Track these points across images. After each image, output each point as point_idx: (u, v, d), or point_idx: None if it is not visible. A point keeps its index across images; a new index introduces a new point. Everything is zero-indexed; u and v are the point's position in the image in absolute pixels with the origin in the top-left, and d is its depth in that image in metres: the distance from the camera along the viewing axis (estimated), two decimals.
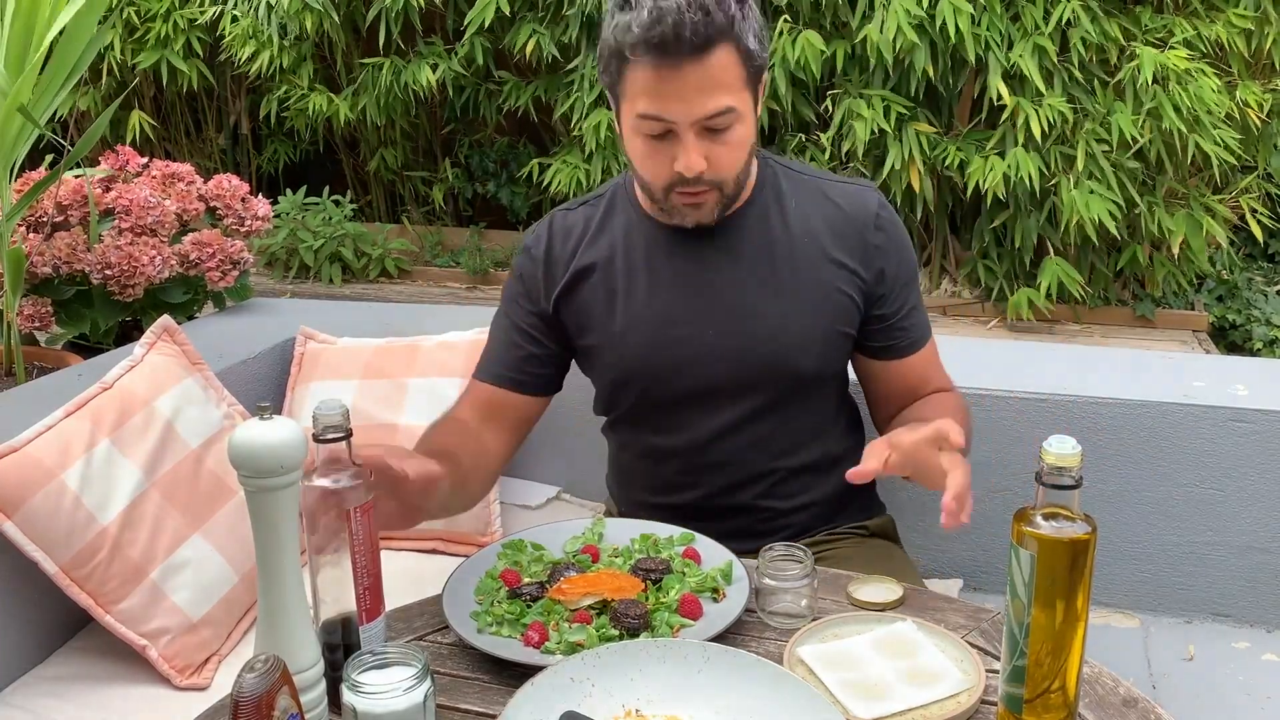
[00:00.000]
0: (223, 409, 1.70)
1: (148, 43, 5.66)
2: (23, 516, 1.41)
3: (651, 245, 1.38)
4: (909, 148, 4.57)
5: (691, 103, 1.22)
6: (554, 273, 1.42)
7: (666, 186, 1.29)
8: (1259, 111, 4.44)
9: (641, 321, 1.37)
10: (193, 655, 1.50)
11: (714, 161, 1.26)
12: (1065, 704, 0.92)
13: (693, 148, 1.24)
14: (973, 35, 4.36)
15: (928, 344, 1.44)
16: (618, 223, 1.41)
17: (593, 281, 1.40)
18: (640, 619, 1.08)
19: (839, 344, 1.40)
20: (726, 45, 1.21)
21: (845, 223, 1.37)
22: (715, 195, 1.29)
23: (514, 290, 1.46)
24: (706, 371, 1.37)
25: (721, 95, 1.22)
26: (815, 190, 1.40)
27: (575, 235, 1.42)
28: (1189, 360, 2.02)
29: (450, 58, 5.34)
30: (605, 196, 1.45)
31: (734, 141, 1.26)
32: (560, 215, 1.46)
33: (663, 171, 1.27)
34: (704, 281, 1.36)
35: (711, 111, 1.23)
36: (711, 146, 1.25)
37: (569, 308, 1.42)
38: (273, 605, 0.92)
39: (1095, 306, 4.96)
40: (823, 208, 1.38)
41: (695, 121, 1.23)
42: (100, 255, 2.26)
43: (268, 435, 0.89)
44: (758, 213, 1.37)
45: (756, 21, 1.26)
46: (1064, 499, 0.89)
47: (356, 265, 5.69)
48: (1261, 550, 1.72)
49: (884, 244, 1.38)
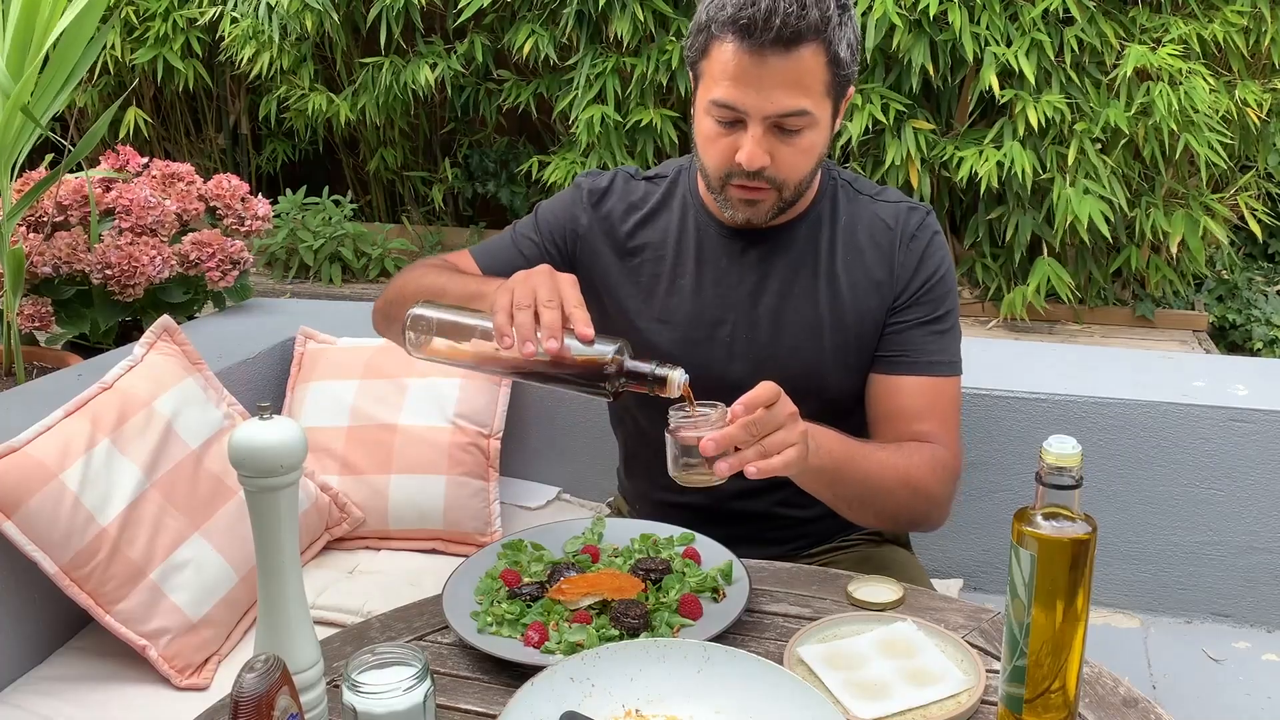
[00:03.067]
0: (223, 409, 1.70)
1: (146, 41, 5.66)
2: (22, 516, 1.41)
3: (703, 239, 1.36)
4: (907, 146, 4.58)
5: (767, 96, 1.18)
6: (604, 223, 1.39)
7: (724, 175, 1.25)
8: (1258, 111, 4.44)
9: (679, 314, 1.36)
10: (192, 655, 1.50)
11: (778, 161, 1.23)
12: (1065, 704, 0.92)
13: (758, 141, 1.20)
14: (971, 34, 4.37)
15: (938, 380, 1.32)
16: (675, 208, 1.39)
17: (640, 261, 1.38)
18: (640, 619, 1.08)
19: (864, 367, 1.36)
20: (816, 46, 1.18)
21: (889, 240, 1.34)
22: (773, 196, 1.26)
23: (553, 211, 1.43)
24: (733, 375, 1.33)
25: (800, 96, 1.19)
26: (868, 207, 1.36)
27: (634, 207, 1.39)
28: (1189, 360, 2.02)
29: (450, 57, 5.34)
30: (668, 178, 1.42)
31: (802, 146, 1.23)
32: (629, 176, 1.42)
33: (724, 159, 1.24)
34: (748, 286, 1.34)
35: (785, 110, 1.19)
36: (778, 145, 1.22)
37: (610, 279, 1.38)
38: (273, 605, 0.92)
39: (1095, 306, 4.96)
40: (871, 226, 1.35)
41: (767, 116, 1.20)
42: (100, 255, 2.26)
43: (268, 435, 0.89)
44: (811, 225, 1.35)
45: (854, 32, 1.23)
46: (1064, 499, 0.89)
47: (356, 265, 5.69)
48: (1261, 550, 1.72)
49: (922, 261, 1.33)
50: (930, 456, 1.27)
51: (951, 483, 1.30)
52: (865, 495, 1.24)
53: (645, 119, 4.81)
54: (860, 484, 1.22)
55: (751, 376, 1.33)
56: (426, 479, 1.82)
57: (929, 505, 1.29)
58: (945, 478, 1.28)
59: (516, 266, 1.26)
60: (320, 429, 1.85)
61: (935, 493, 1.28)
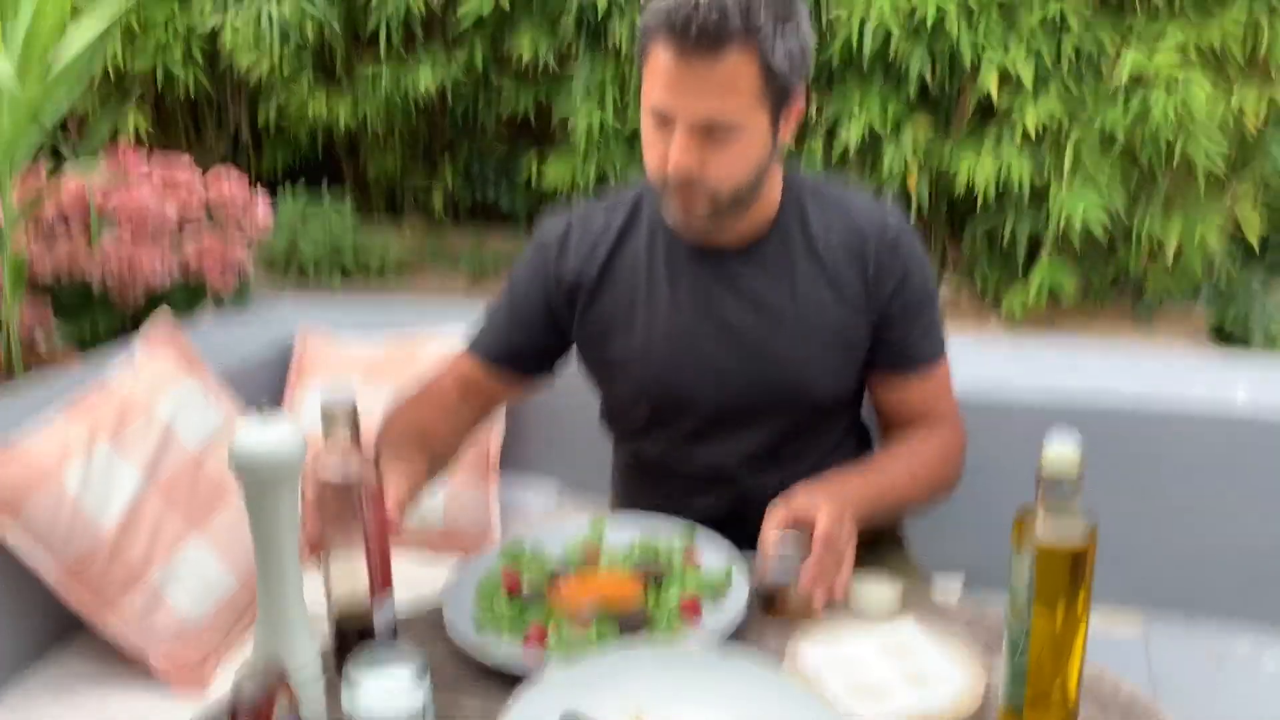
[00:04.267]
0: (222, 410, 1.70)
1: (146, 48, 5.67)
2: (22, 517, 1.41)
3: (674, 259, 1.35)
4: (905, 151, 4.59)
5: (692, 100, 1.18)
6: (573, 269, 1.38)
7: (662, 181, 1.26)
8: (1256, 117, 4.45)
9: (661, 338, 1.35)
10: (191, 657, 1.50)
11: (708, 167, 1.21)
12: (1066, 705, 0.92)
13: (682, 146, 1.20)
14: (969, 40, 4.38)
15: (937, 367, 1.39)
16: (643, 230, 1.38)
17: (615, 291, 1.37)
18: (640, 620, 1.08)
19: (853, 370, 1.38)
20: (744, 53, 1.17)
21: (863, 244, 1.33)
22: (708, 204, 1.24)
23: (525, 276, 1.42)
24: (721, 395, 1.35)
25: (725, 102, 1.18)
26: (839, 211, 1.36)
27: (596, 237, 1.38)
28: (1189, 360, 2.03)
29: (449, 62, 5.35)
30: (628, 202, 1.41)
31: (733, 153, 1.21)
32: (580, 213, 1.42)
33: (659, 164, 1.24)
34: (726, 303, 1.34)
35: (707, 116, 1.19)
36: (707, 151, 1.21)
37: (589, 314, 1.39)
38: (272, 606, 0.92)
39: (1095, 307, 4.96)
40: (844, 230, 1.34)
41: (692, 122, 1.19)
42: (100, 259, 2.26)
43: (267, 436, 0.89)
44: (780, 236, 1.34)
45: (797, 45, 1.21)
46: (1064, 499, 0.89)
47: (356, 268, 5.70)
48: (1261, 551, 1.72)
49: (898, 266, 1.34)
50: (940, 446, 1.39)
51: (960, 456, 1.42)
52: (895, 512, 1.38)
53: None
54: (890, 508, 1.33)
55: (741, 396, 1.35)
56: None
57: (945, 490, 1.41)
58: (955, 459, 1.41)
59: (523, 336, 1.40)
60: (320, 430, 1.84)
61: (947, 477, 1.40)
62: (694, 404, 1.37)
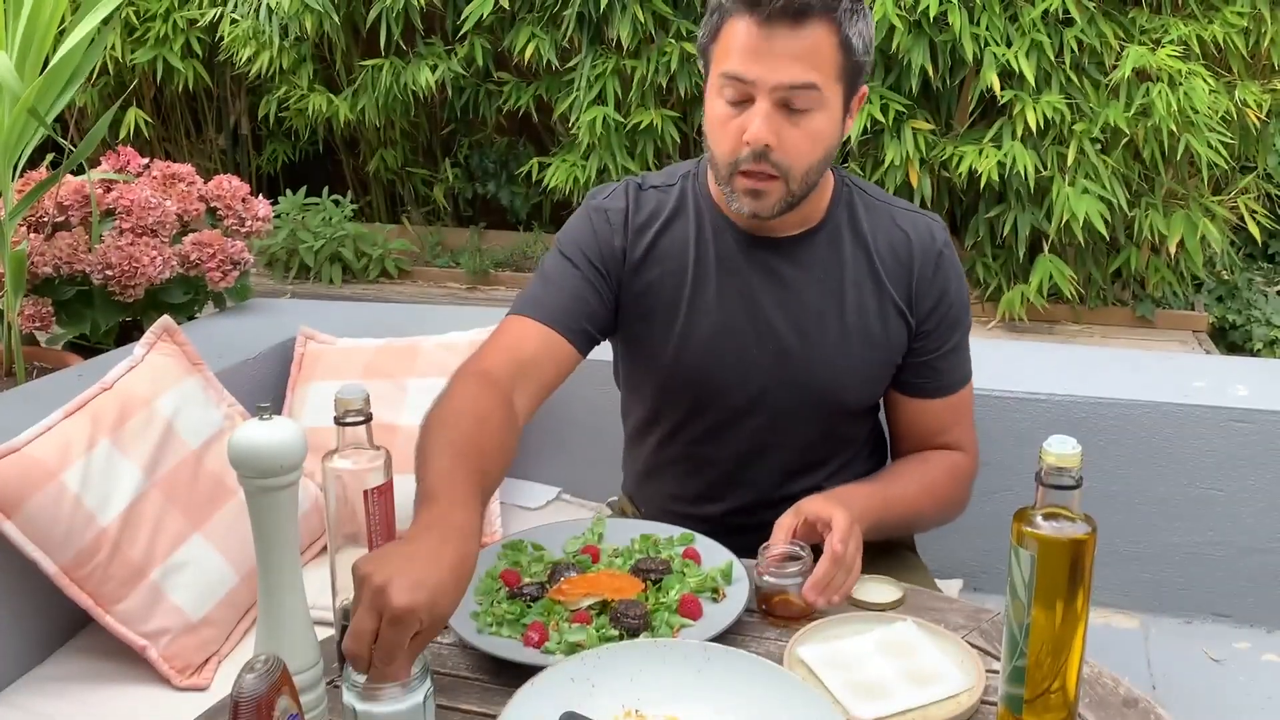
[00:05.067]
0: (223, 409, 1.70)
1: (146, 42, 5.67)
2: (23, 517, 1.41)
3: (723, 248, 1.33)
4: (906, 146, 4.58)
5: (775, 66, 1.17)
6: (630, 242, 1.34)
7: (732, 163, 1.23)
8: (1258, 111, 4.45)
9: (702, 328, 1.33)
10: (193, 655, 1.50)
11: (784, 143, 1.20)
12: (1065, 704, 0.92)
13: (765, 115, 1.18)
14: (971, 35, 4.37)
15: (959, 393, 1.38)
16: (690, 216, 1.35)
17: (663, 272, 1.33)
18: (640, 619, 1.08)
19: (887, 377, 1.37)
20: (825, 24, 1.17)
21: (908, 254, 1.33)
22: (780, 187, 1.23)
23: (584, 242, 1.34)
24: (756, 390, 1.34)
25: (808, 70, 1.18)
26: (886, 216, 1.35)
27: (646, 218, 1.35)
28: (1189, 360, 2.03)
29: (450, 58, 5.34)
30: (675, 186, 1.37)
31: (810, 128, 1.21)
32: (637, 187, 1.38)
33: (733, 142, 1.22)
34: (771, 298, 1.32)
35: (793, 81, 1.18)
36: (785, 126, 1.20)
37: (635, 289, 1.34)
38: (273, 605, 0.92)
39: (1095, 306, 4.96)
40: (891, 235, 1.33)
41: (774, 88, 1.18)
42: (101, 256, 2.26)
43: (268, 435, 0.89)
44: (830, 232, 1.33)
45: (868, 26, 1.23)
46: (1064, 499, 0.89)
47: (356, 265, 5.69)
48: (1261, 550, 1.72)
49: (940, 281, 1.33)
50: (950, 466, 1.38)
51: (969, 483, 1.41)
52: (900, 527, 1.38)
53: (646, 120, 4.81)
54: (895, 524, 1.32)
55: (775, 392, 1.34)
56: None
57: (953, 511, 1.40)
58: (964, 482, 1.40)
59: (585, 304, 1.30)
60: (320, 429, 1.83)
61: (956, 498, 1.39)
62: (725, 397, 1.35)
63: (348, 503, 1.01)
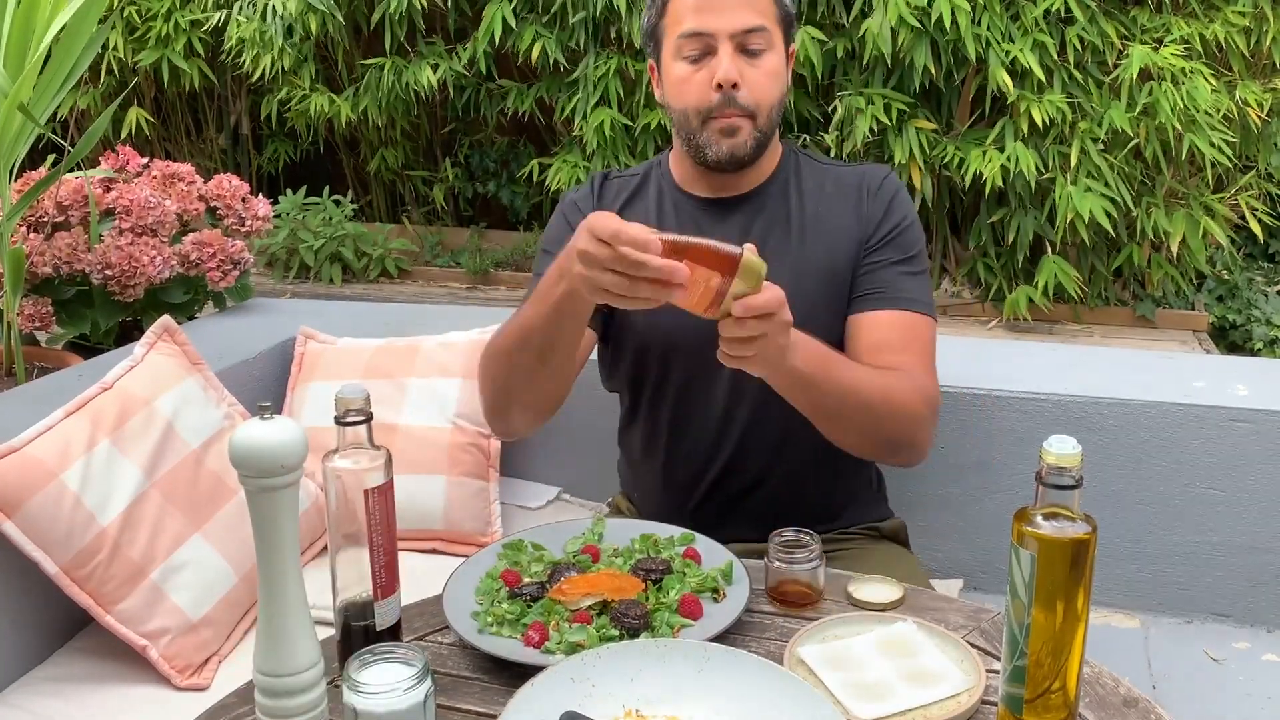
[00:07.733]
0: (223, 409, 1.70)
1: (148, 42, 5.66)
2: (23, 516, 1.41)
3: (681, 216, 1.45)
4: (909, 145, 4.59)
5: (730, 16, 1.33)
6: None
7: (705, 111, 1.35)
8: (1259, 110, 4.45)
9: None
10: (193, 655, 1.50)
11: (749, 81, 1.34)
12: (1065, 704, 0.92)
13: (729, 57, 1.33)
14: (973, 34, 4.37)
15: (913, 315, 1.38)
16: (651, 193, 1.49)
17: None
18: (640, 619, 1.08)
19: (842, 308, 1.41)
20: None
21: (855, 193, 1.44)
22: (749, 124, 1.36)
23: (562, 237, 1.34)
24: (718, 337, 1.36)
25: (757, 15, 1.34)
26: (831, 171, 1.48)
27: (614, 198, 1.49)
28: (1189, 360, 2.03)
29: (451, 58, 5.34)
30: (640, 174, 1.52)
31: (767, 67, 1.36)
32: (603, 178, 1.53)
33: (699, 93, 1.35)
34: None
35: (747, 25, 1.33)
36: (746, 67, 1.35)
37: None
38: (273, 605, 0.92)
39: (1095, 306, 4.96)
40: (838, 182, 1.46)
41: (733, 34, 1.33)
42: (100, 255, 2.26)
43: (268, 435, 0.89)
44: (778, 187, 1.45)
45: None
46: (1064, 499, 0.89)
47: (357, 265, 5.69)
48: (1261, 550, 1.72)
49: (885, 196, 1.43)
50: (910, 381, 1.32)
51: (931, 408, 1.34)
52: (845, 407, 1.27)
53: (654, 121, 4.82)
54: (839, 394, 1.25)
55: None
56: (427, 479, 1.82)
57: (912, 425, 1.32)
58: (925, 399, 1.33)
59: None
60: (321, 429, 1.84)
61: (917, 411, 1.31)
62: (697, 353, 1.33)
63: (348, 502, 1.02)
